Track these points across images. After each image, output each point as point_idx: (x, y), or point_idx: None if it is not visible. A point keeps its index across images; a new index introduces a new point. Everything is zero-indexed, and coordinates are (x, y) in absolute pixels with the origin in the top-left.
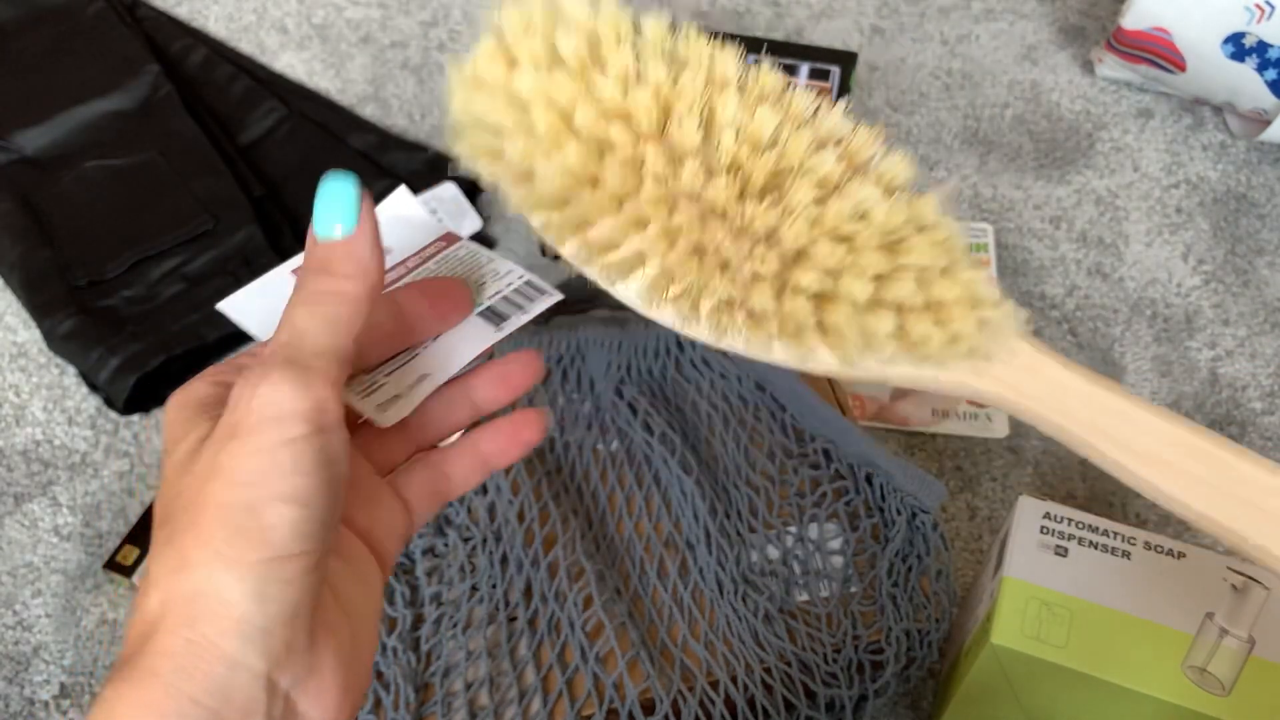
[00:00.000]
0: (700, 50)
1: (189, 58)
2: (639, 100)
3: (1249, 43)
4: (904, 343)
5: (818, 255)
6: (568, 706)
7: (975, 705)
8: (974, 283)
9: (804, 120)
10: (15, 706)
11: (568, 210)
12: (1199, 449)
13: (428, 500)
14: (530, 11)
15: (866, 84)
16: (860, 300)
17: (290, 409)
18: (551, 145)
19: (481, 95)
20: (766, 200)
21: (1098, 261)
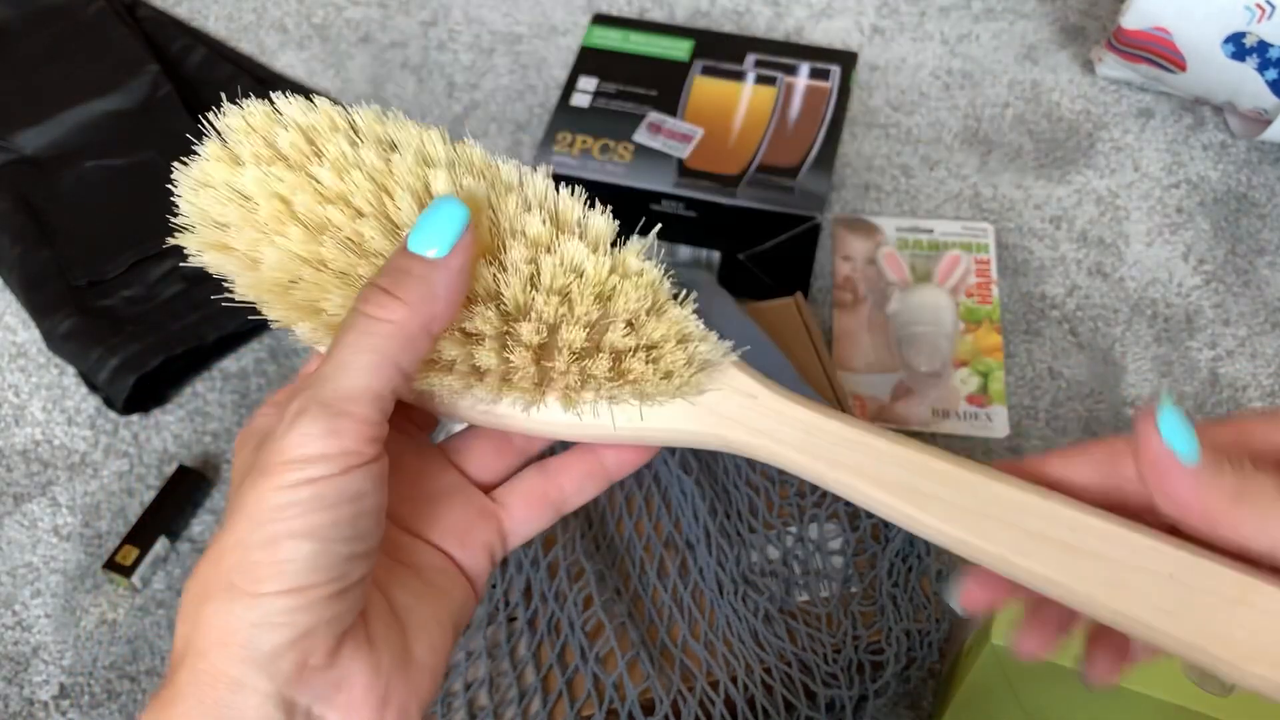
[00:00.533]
0: (409, 133)
1: (189, 57)
2: (355, 183)
3: (1249, 42)
4: (621, 382)
5: (536, 308)
6: (567, 706)
7: (975, 705)
8: (680, 320)
9: (511, 186)
10: (14, 706)
11: (296, 292)
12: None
13: (536, 510)
14: (251, 113)
15: (867, 84)
16: (577, 347)
17: (319, 452)
18: (275, 230)
19: (208, 193)
20: (483, 263)
21: (1098, 261)
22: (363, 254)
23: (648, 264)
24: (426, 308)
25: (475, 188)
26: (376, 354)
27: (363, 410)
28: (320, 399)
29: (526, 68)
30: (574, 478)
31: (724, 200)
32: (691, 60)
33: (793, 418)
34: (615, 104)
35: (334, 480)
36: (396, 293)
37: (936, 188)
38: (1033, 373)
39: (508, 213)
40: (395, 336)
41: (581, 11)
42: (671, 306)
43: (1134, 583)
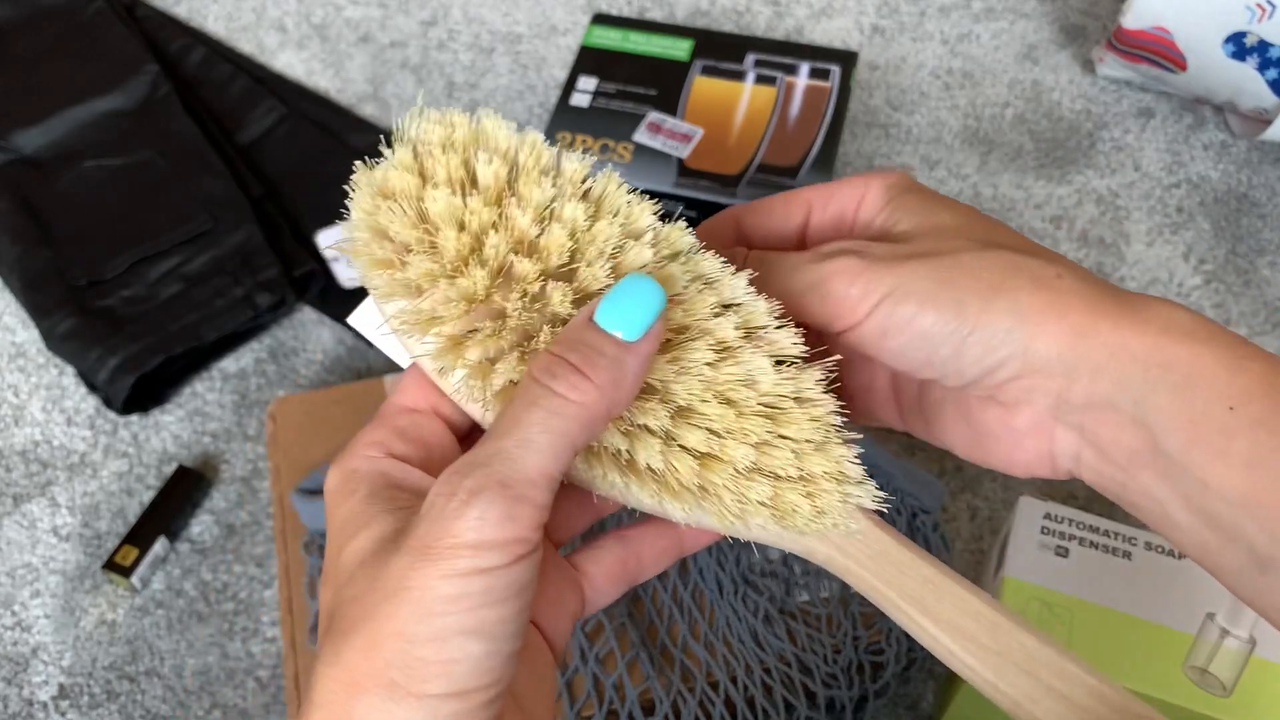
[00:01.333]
0: (618, 198)
1: (188, 57)
2: (554, 238)
3: (1250, 42)
4: (775, 511)
5: (707, 414)
6: (567, 707)
7: (976, 706)
8: (843, 460)
9: (710, 281)
10: (14, 707)
11: (468, 343)
12: (990, 620)
13: (615, 580)
14: (453, 126)
15: (867, 83)
16: (742, 465)
17: (493, 538)
18: (456, 270)
19: (389, 207)
20: (665, 355)
21: (1099, 261)
22: (545, 318)
23: (824, 397)
24: (614, 393)
25: (675, 274)
26: (561, 436)
27: (541, 495)
28: (500, 479)
29: (526, 67)
30: (653, 552)
31: (724, 200)
32: (691, 60)
33: (878, 545)
34: (615, 104)
35: (506, 571)
36: (587, 372)
37: (937, 187)
38: None
39: (700, 311)
40: (580, 419)
41: (581, 11)
42: (837, 444)
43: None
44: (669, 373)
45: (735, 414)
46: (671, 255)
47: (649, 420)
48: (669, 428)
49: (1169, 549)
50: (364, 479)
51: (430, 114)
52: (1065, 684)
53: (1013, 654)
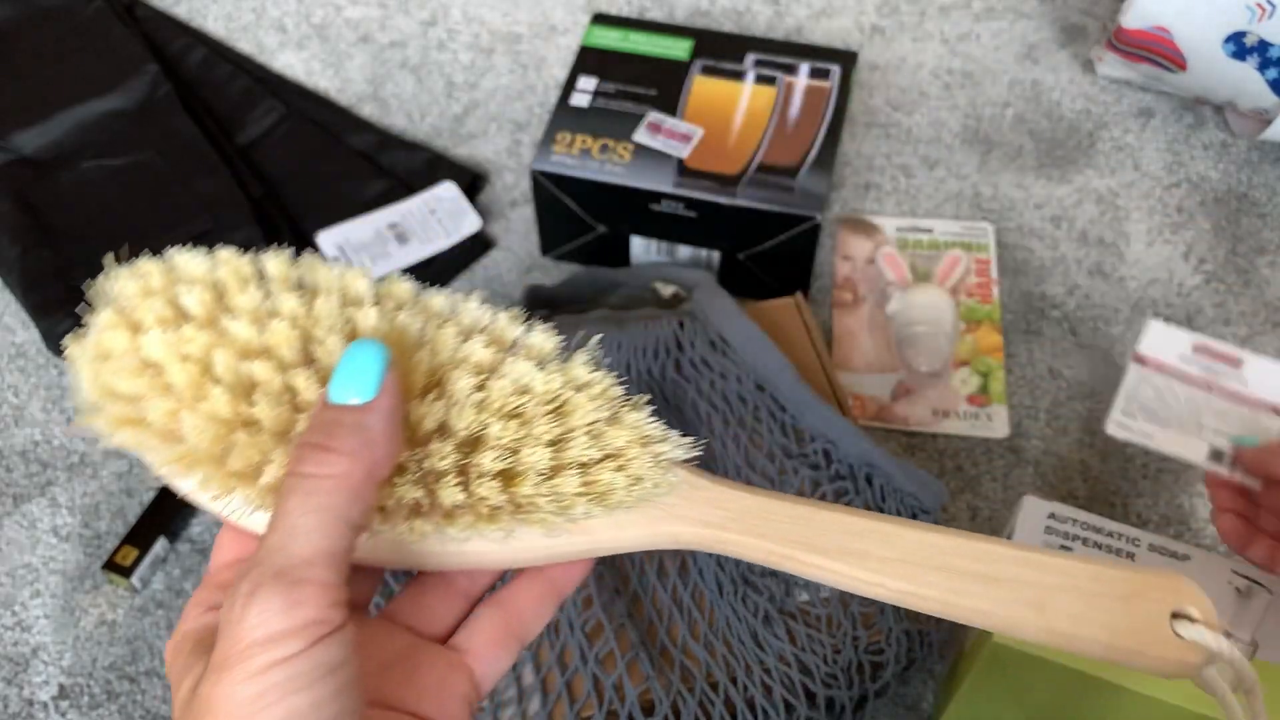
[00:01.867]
0: (328, 275)
1: (188, 57)
2: (277, 332)
3: (1250, 42)
4: (594, 496)
5: (493, 436)
6: (567, 707)
7: (976, 705)
8: (640, 424)
9: (446, 316)
10: (14, 707)
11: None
12: (880, 532)
13: (501, 645)
14: (147, 275)
15: (867, 83)
16: (543, 468)
17: (282, 628)
18: (195, 397)
19: (110, 366)
20: (429, 397)
21: (1098, 261)
22: (299, 407)
23: (598, 374)
24: (367, 454)
25: (407, 323)
26: (325, 512)
27: (322, 574)
28: (273, 571)
29: (526, 67)
30: (531, 603)
31: (724, 200)
32: (691, 60)
33: (738, 505)
34: (615, 104)
35: (307, 655)
36: (331, 445)
37: (936, 187)
38: (1033, 372)
39: (447, 344)
40: (340, 491)
41: (581, 11)
42: (628, 411)
43: (1051, 600)
44: (440, 411)
45: (519, 424)
46: (398, 307)
47: (437, 462)
48: (460, 461)
49: (1172, 550)
50: (190, 636)
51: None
52: (987, 564)
53: (918, 555)
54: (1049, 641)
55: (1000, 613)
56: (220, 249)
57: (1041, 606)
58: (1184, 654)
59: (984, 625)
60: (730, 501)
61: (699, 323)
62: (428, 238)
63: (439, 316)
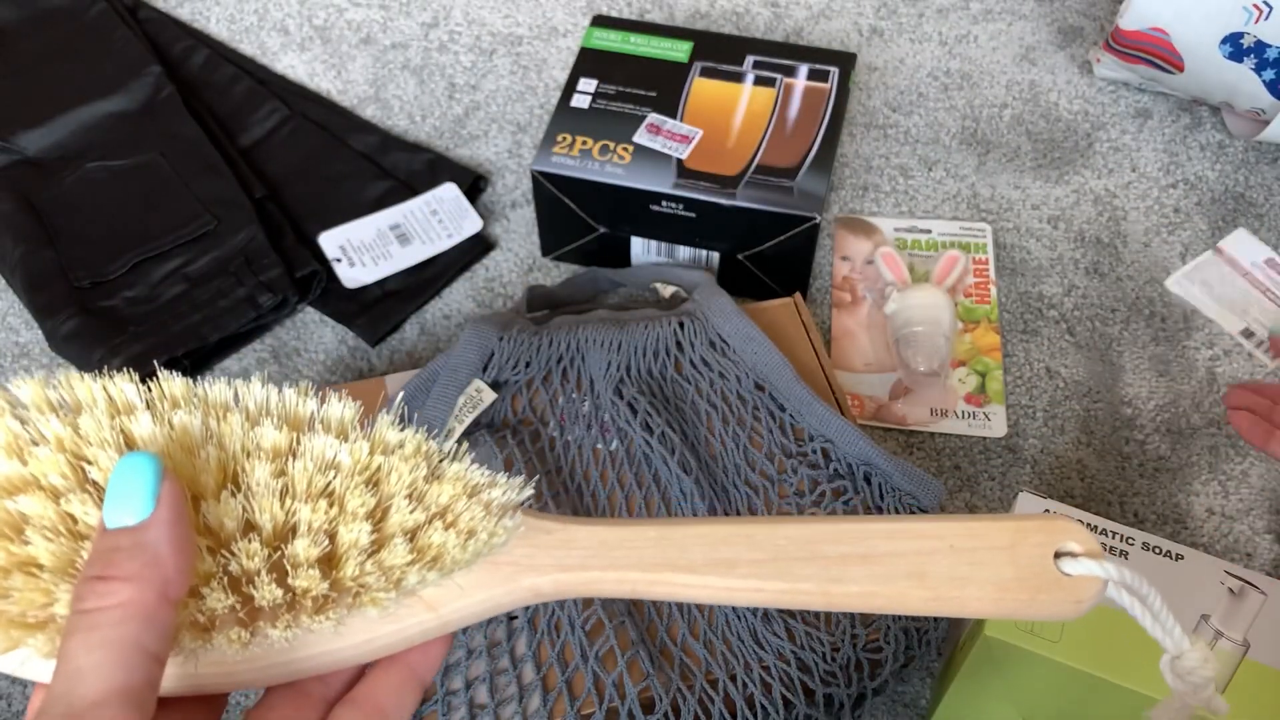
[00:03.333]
0: (88, 388)
1: (190, 59)
2: (42, 461)
3: (1247, 43)
4: (425, 561)
5: (303, 520)
6: (567, 705)
7: (968, 699)
8: (461, 475)
9: (227, 405)
10: (18, 706)
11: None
12: (742, 534)
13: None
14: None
15: (865, 85)
16: (365, 544)
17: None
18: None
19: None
20: (225, 495)
21: (1096, 261)
22: (81, 536)
23: (406, 432)
24: (154, 574)
25: (186, 421)
26: (113, 646)
27: (116, 713)
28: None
29: (527, 69)
30: (389, 695)
31: (723, 201)
32: (691, 61)
33: (593, 539)
34: (615, 105)
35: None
36: (111, 574)
37: (935, 188)
38: (1030, 372)
39: (235, 433)
40: (129, 620)
41: (581, 13)
42: (448, 464)
43: (930, 566)
44: (240, 506)
45: (330, 503)
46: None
47: (246, 561)
48: (272, 556)
49: (1166, 549)
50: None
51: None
52: (859, 544)
53: (788, 550)
54: (938, 610)
55: (882, 591)
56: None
57: (922, 575)
58: (1076, 592)
59: (871, 609)
60: (584, 538)
61: (699, 323)
62: (429, 239)
63: (221, 406)
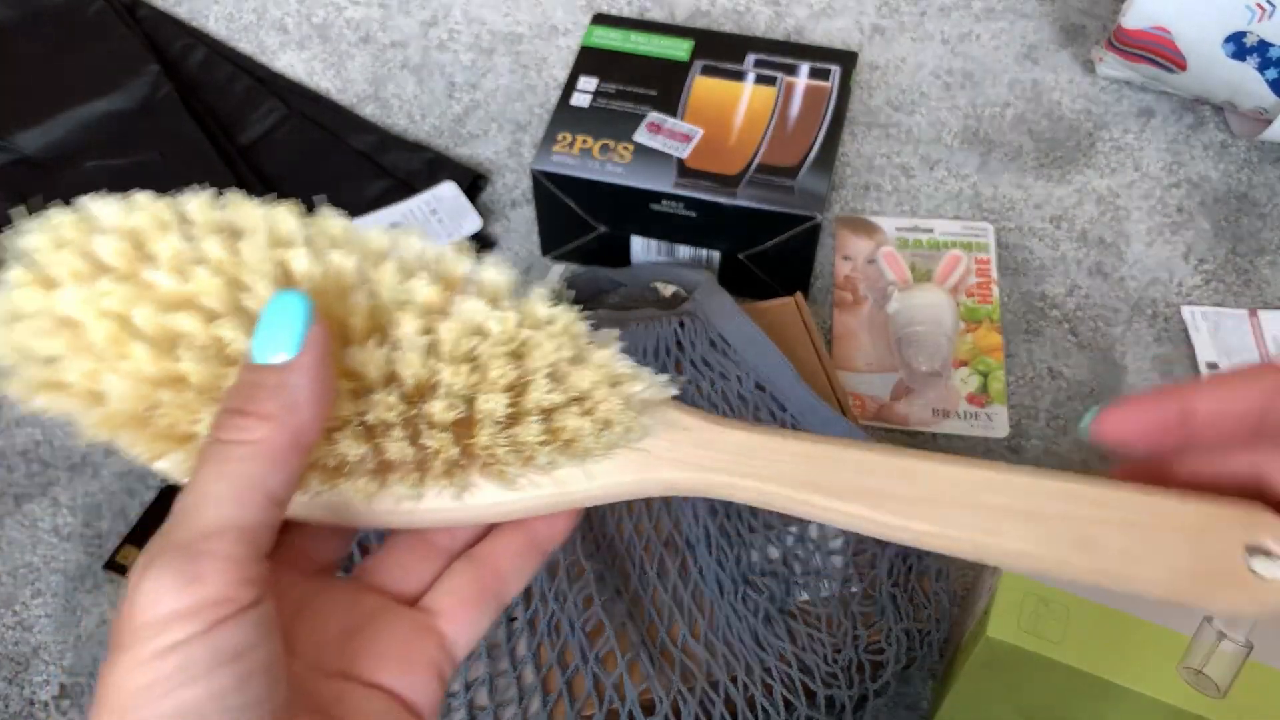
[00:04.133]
0: (253, 214)
1: (189, 57)
2: (201, 281)
3: (1250, 42)
4: (558, 444)
5: (444, 382)
6: (567, 706)
7: (970, 700)
8: (608, 362)
9: (384, 254)
10: (15, 707)
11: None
12: (901, 468)
13: (476, 605)
14: (59, 227)
15: (867, 83)
16: (500, 416)
17: (171, 610)
18: (116, 355)
19: (24, 327)
20: (371, 344)
21: (1098, 261)
22: (230, 361)
23: (558, 309)
24: (290, 418)
25: (343, 263)
26: (239, 480)
27: (227, 547)
28: (173, 542)
29: (527, 68)
30: (508, 559)
31: (724, 200)
32: (691, 60)
33: (732, 443)
34: (615, 104)
35: (204, 640)
36: (250, 410)
37: (936, 187)
38: (1033, 372)
39: (388, 283)
40: (258, 458)
41: (582, 11)
42: (595, 350)
43: (1101, 536)
44: (384, 358)
45: (472, 369)
46: (332, 245)
47: (383, 414)
48: (408, 412)
49: None
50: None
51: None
52: (1025, 499)
53: (944, 493)
54: (1100, 583)
55: (1042, 553)
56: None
57: (1091, 544)
58: (1263, 595)
59: (1026, 569)
60: (722, 440)
61: (699, 322)
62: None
63: (378, 254)
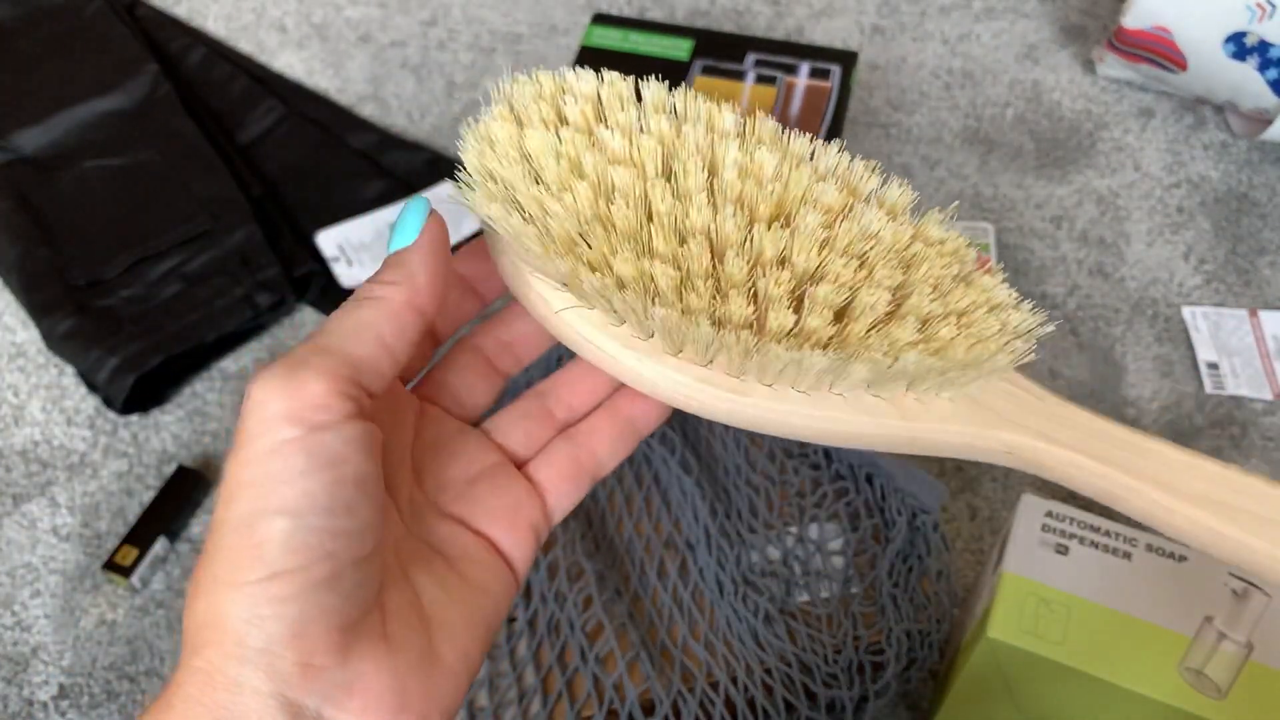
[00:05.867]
0: (698, 107)
1: (188, 57)
2: (644, 147)
3: (1250, 42)
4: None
5: (832, 271)
6: (567, 707)
7: (970, 701)
8: (991, 287)
9: (803, 159)
10: (14, 707)
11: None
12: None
13: (572, 481)
14: (541, 81)
15: (867, 83)
16: (880, 310)
17: (275, 410)
18: (561, 188)
19: (493, 152)
20: (773, 228)
21: (1099, 261)
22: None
23: (950, 233)
24: (410, 284)
25: (764, 159)
26: (358, 322)
27: (330, 364)
28: (288, 356)
29: (526, 68)
30: (605, 440)
31: None
32: (691, 60)
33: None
34: None
35: (302, 443)
36: (381, 278)
37: (937, 187)
38: (1033, 373)
39: (801, 182)
40: (381, 308)
41: (581, 11)
42: (980, 276)
43: None
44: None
45: (861, 266)
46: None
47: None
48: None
49: (1169, 550)
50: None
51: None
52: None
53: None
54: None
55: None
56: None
57: None
58: None
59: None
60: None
61: None
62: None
63: (797, 156)
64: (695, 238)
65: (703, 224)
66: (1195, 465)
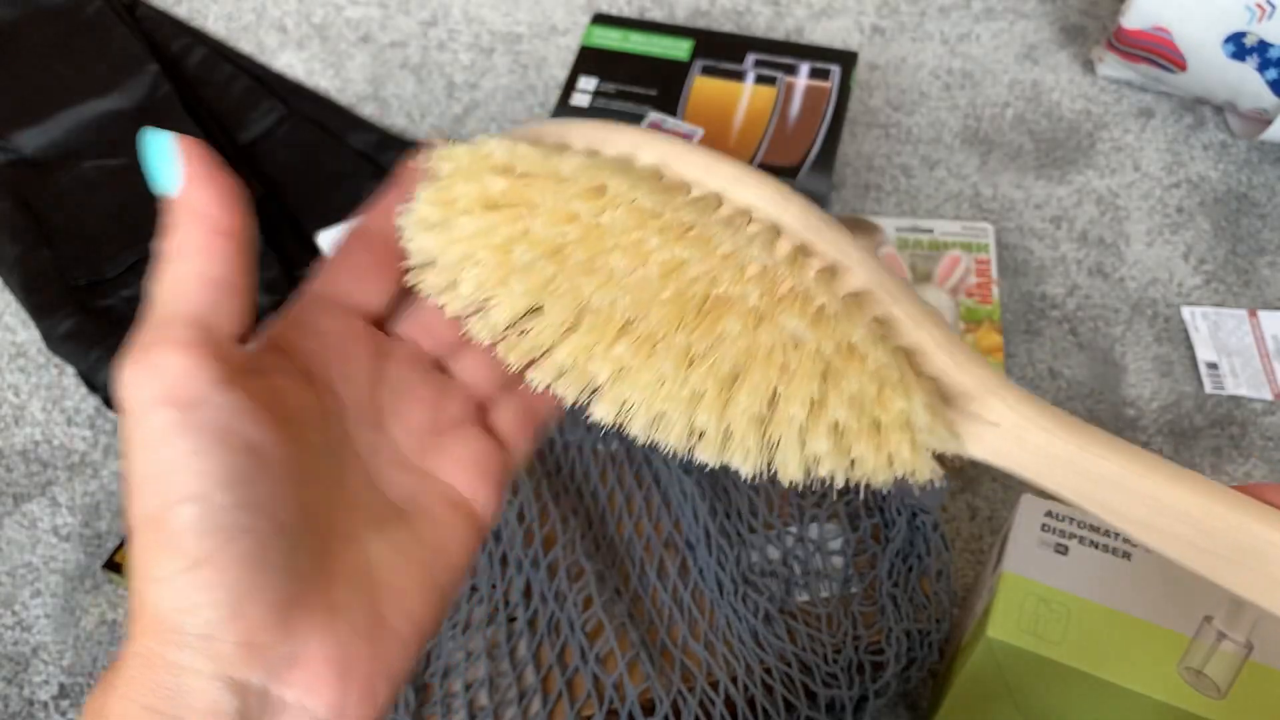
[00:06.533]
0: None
1: (188, 57)
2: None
3: (1250, 42)
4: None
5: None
6: (567, 707)
7: (970, 701)
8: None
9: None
10: (14, 707)
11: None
12: (1200, 515)
13: (522, 429)
14: (458, 157)
15: (867, 84)
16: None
17: (145, 398)
18: (498, 280)
19: (428, 236)
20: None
21: (1098, 261)
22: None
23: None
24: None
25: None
26: (176, 280)
27: (174, 332)
28: (133, 343)
29: (526, 67)
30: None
31: None
32: (691, 60)
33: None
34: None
35: (182, 425)
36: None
37: (936, 188)
38: (1033, 373)
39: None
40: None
41: (581, 11)
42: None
43: None
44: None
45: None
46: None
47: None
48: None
49: None
50: None
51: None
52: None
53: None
54: None
55: None
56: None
57: None
58: None
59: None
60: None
61: None
62: None
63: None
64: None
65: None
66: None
